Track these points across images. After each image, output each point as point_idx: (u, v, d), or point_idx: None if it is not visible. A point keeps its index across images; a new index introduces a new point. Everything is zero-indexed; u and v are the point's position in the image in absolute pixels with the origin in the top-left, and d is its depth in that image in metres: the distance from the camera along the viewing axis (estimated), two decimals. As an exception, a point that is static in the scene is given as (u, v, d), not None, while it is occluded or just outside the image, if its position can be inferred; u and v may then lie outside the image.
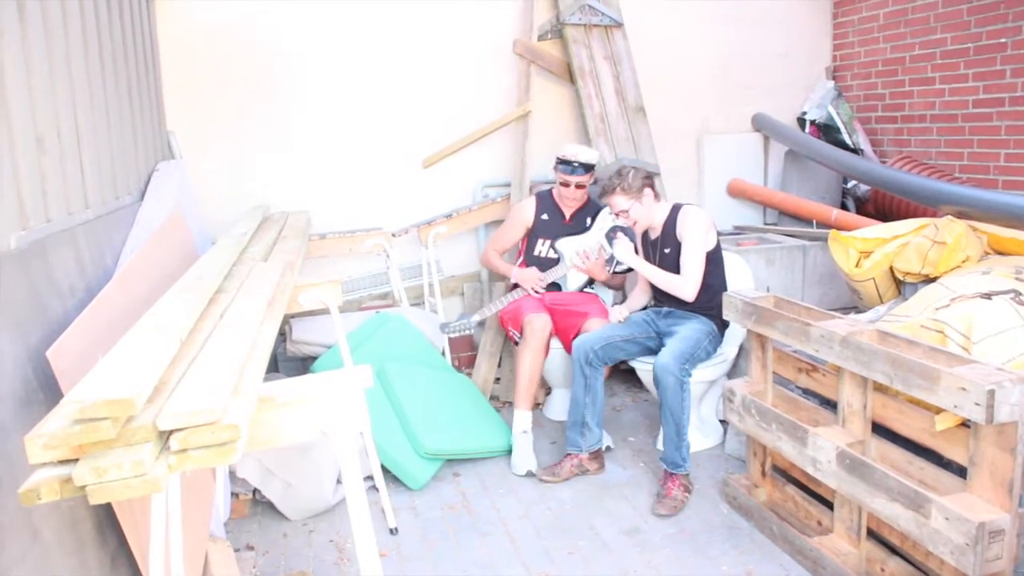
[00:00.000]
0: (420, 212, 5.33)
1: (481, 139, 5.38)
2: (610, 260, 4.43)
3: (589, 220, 4.59)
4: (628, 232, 4.27)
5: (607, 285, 4.65)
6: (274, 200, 5.04)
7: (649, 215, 3.98)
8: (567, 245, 4.55)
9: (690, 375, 3.71)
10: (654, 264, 4.01)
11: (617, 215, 3.97)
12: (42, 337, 2.23)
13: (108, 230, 3.08)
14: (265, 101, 4.99)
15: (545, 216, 4.58)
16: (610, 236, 4.44)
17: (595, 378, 3.93)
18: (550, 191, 4.65)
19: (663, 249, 3.98)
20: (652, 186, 3.97)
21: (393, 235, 5.13)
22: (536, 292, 4.46)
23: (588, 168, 4.44)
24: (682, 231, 3.90)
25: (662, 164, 5.34)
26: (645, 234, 4.12)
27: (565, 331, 4.36)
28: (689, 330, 3.84)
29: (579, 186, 4.45)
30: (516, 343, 4.36)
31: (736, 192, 5.96)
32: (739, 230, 5.79)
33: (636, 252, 4.16)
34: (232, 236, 3.63)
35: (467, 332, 4.52)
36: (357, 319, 4.70)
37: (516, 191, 5.17)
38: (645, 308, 4.25)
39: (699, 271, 3.85)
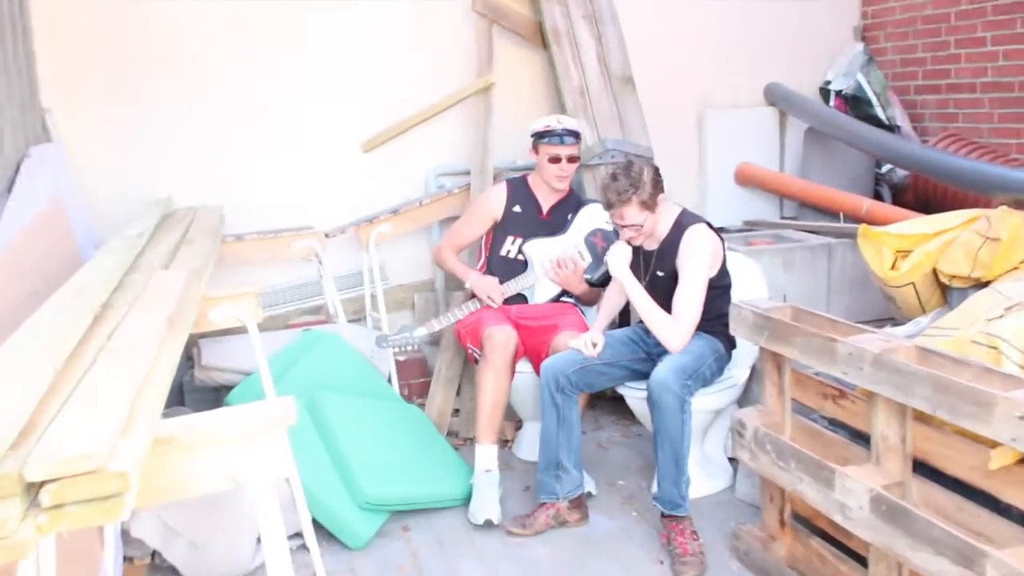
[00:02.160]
0: (359, 208, 5.34)
1: (433, 118, 5.39)
2: (590, 269, 4.46)
3: (570, 216, 4.63)
4: (607, 236, 4.25)
5: (581, 300, 4.68)
6: (179, 193, 5.03)
7: (654, 227, 3.97)
8: (537, 249, 4.59)
9: (692, 395, 3.75)
10: (640, 281, 4.02)
11: (623, 228, 3.92)
12: None
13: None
14: (168, 74, 4.98)
15: (518, 208, 4.63)
16: (591, 240, 4.47)
17: (569, 408, 3.95)
18: (524, 178, 4.70)
19: (656, 270, 3.99)
20: (663, 189, 3.95)
21: (327, 236, 5.14)
22: (494, 303, 4.50)
23: (577, 135, 4.50)
24: (684, 257, 3.89)
25: (655, 147, 5.40)
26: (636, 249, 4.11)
27: (535, 350, 4.40)
28: (691, 346, 3.86)
29: (572, 159, 4.50)
30: (475, 361, 4.41)
31: (746, 180, 6.01)
32: (750, 226, 5.83)
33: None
34: (125, 238, 3.59)
35: (410, 348, 4.54)
36: (282, 339, 4.70)
37: (477, 180, 5.19)
38: (620, 325, 4.26)
39: (694, 317, 3.84)
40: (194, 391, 4.78)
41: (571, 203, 4.63)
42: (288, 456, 2.22)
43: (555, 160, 4.47)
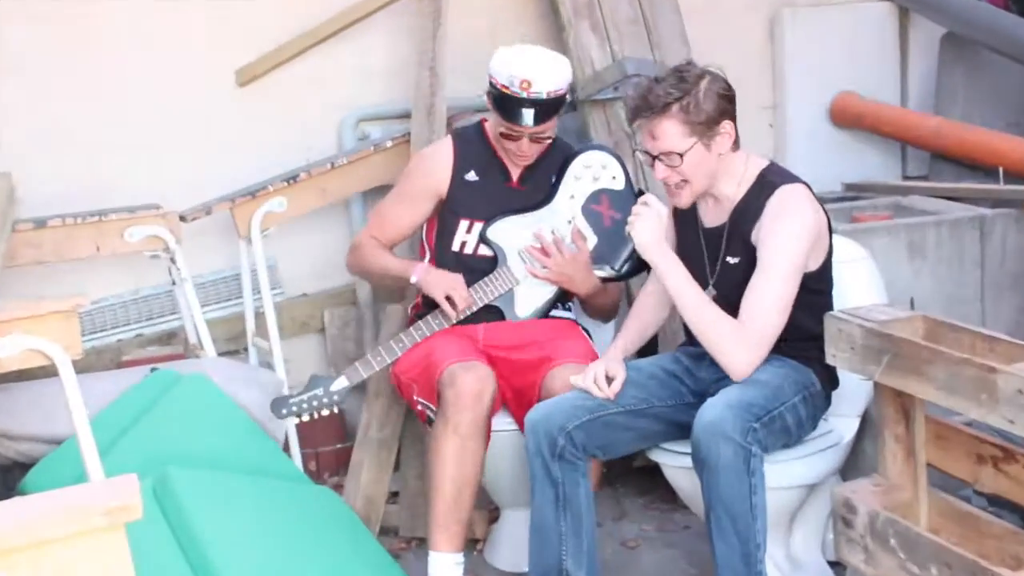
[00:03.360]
0: (236, 174, 5.35)
1: (349, 29, 5.41)
2: (599, 255, 4.44)
3: (553, 178, 4.59)
4: (619, 199, 4.29)
5: (591, 305, 4.67)
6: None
7: (711, 175, 3.94)
8: (509, 233, 4.56)
9: (765, 449, 3.75)
10: (702, 278, 4.02)
11: (653, 160, 3.90)
12: None
13: None
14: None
15: (472, 175, 4.63)
16: (593, 211, 4.47)
17: (573, 485, 3.94)
18: (480, 125, 4.75)
19: (726, 255, 4.03)
20: (734, 118, 3.93)
21: (183, 219, 5.10)
22: (455, 314, 4.46)
23: (556, 104, 4.42)
24: (769, 232, 3.87)
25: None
26: (687, 214, 4.09)
27: (519, 395, 4.43)
28: (763, 373, 3.86)
29: (536, 138, 4.44)
30: (428, 422, 4.42)
31: (848, 119, 6.05)
32: (854, 192, 5.86)
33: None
34: None
35: (327, 412, 4.50)
36: (114, 384, 4.68)
37: (421, 128, 5.20)
38: (649, 350, 4.22)
39: (774, 324, 3.83)
40: (-32, 471, 4.78)
41: (554, 158, 4.61)
42: (126, 568, 2.19)
43: (510, 136, 4.44)
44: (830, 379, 4.02)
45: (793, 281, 3.82)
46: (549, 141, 4.51)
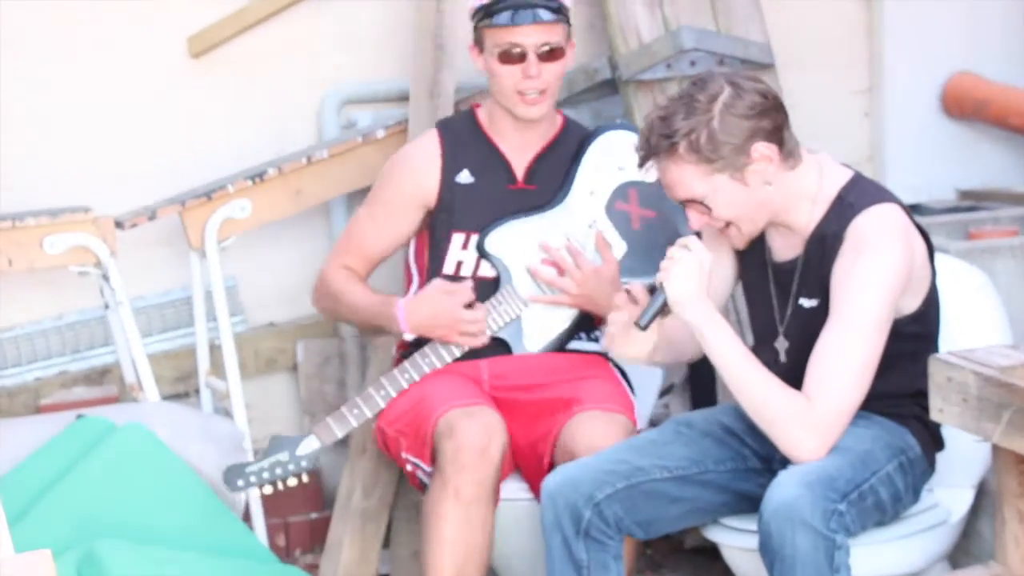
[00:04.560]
0: (186, 170, 5.37)
1: None
2: (639, 268, 4.41)
3: (568, 170, 4.59)
4: (650, 197, 4.28)
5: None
6: None
7: (762, 208, 3.91)
8: (514, 242, 4.57)
9: (851, 533, 3.70)
10: (770, 324, 4.05)
11: (687, 206, 3.89)
12: None
13: None
14: None
15: (465, 175, 4.65)
16: (619, 211, 4.46)
17: (602, 570, 3.92)
18: (471, 112, 4.82)
19: (800, 296, 4.01)
20: (772, 134, 3.83)
21: (119, 225, 5.11)
22: (470, 341, 4.45)
23: (561, 7, 4.44)
24: (846, 273, 3.82)
25: (781, 45, 5.42)
26: (753, 244, 4.06)
27: (531, 451, 4.45)
28: (848, 438, 3.80)
29: (547, 54, 4.43)
30: (422, 486, 4.42)
31: (966, 106, 6.04)
32: (971, 201, 5.85)
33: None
34: None
35: (294, 482, 4.49)
36: (30, 433, 4.71)
37: (422, 112, 5.21)
38: (705, 399, 4.17)
39: (850, 397, 3.77)
40: None
41: (568, 144, 4.63)
42: None
43: (513, 57, 4.42)
44: (933, 439, 3.98)
45: (876, 339, 3.76)
46: (561, 71, 4.49)
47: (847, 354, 3.72)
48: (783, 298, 3.98)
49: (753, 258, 4.04)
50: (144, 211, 5.15)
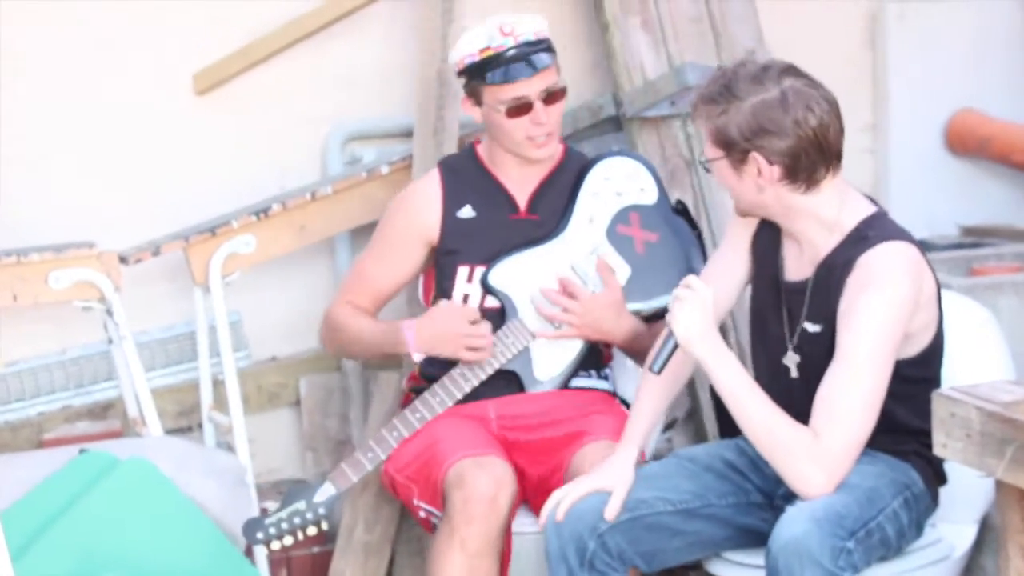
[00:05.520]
0: (190, 206, 5.36)
1: (335, 25, 5.43)
2: (645, 291, 4.45)
3: (570, 199, 4.59)
4: (650, 218, 4.29)
5: (633, 353, 4.62)
6: None
7: (756, 207, 3.93)
8: (517, 275, 4.57)
9: (858, 571, 3.69)
10: (780, 342, 4.03)
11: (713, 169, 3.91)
12: None
13: None
14: None
15: (467, 210, 4.67)
16: (620, 235, 4.44)
17: None
18: (472, 149, 4.82)
19: (807, 319, 3.99)
20: (795, 156, 3.78)
21: (123, 261, 5.11)
22: (476, 355, 4.43)
23: (548, 46, 4.46)
24: (853, 305, 3.80)
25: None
26: (767, 259, 4.09)
27: (541, 487, 4.39)
28: (855, 475, 3.80)
29: (550, 97, 4.44)
30: (431, 528, 4.41)
31: (969, 143, 6.05)
32: (974, 237, 5.86)
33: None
34: None
35: (313, 531, 4.46)
36: (33, 468, 4.68)
37: (426, 148, 5.21)
38: (729, 429, 4.16)
39: (856, 432, 3.75)
40: None
41: (569, 172, 4.64)
42: None
43: (520, 110, 4.42)
44: (936, 475, 3.98)
45: (882, 373, 3.75)
46: (560, 109, 4.50)
47: (853, 390, 3.72)
48: (793, 318, 3.98)
49: (765, 275, 4.05)
50: (148, 246, 5.16)
